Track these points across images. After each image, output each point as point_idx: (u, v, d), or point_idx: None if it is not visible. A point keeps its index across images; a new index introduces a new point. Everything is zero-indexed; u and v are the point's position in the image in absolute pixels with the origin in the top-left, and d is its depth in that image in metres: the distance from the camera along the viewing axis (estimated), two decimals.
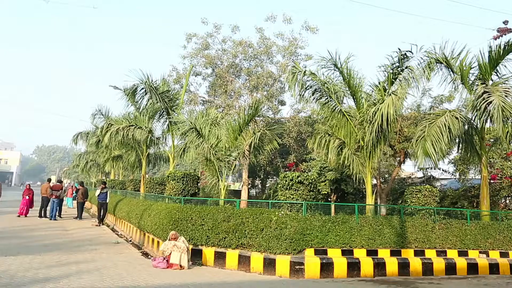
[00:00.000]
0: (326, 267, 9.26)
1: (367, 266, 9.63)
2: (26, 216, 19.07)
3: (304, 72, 12.37)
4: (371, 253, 9.98)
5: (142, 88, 17.15)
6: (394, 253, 10.22)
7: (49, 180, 21.77)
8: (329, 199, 17.67)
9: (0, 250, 10.70)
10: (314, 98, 12.97)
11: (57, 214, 19.72)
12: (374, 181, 18.67)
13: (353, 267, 9.50)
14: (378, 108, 11.24)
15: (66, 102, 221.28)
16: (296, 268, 9.12)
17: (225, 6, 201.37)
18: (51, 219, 19.03)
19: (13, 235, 13.87)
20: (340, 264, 9.39)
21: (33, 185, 79.19)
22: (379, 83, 12.42)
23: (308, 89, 12.77)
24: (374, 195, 12.15)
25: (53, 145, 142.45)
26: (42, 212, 19.57)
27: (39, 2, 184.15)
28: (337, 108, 12.59)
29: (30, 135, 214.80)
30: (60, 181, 23.13)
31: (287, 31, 24.29)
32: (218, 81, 23.88)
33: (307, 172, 18.62)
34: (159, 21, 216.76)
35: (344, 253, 9.72)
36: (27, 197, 19.69)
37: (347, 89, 12.62)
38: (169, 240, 9.62)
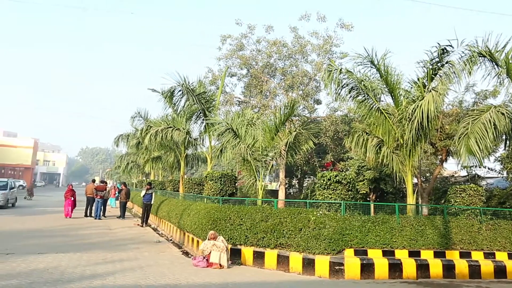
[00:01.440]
0: (367, 268, 9.10)
1: (409, 267, 9.38)
2: (70, 217, 19.54)
3: (340, 70, 12.18)
4: (413, 254, 9.70)
5: (179, 91, 17.50)
6: (438, 254, 9.88)
7: (94, 181, 22.65)
8: (368, 199, 17.35)
9: (51, 247, 11.30)
10: (351, 96, 12.76)
11: (101, 213, 20.53)
12: (415, 180, 18.14)
13: (395, 268, 9.28)
14: (417, 105, 10.90)
15: (106, 106, 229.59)
16: (336, 269, 9.03)
17: (258, 6, 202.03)
18: (95, 218, 19.84)
19: (61, 233, 14.58)
20: (381, 265, 9.20)
21: (78, 186, 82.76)
22: (418, 79, 12.04)
23: (344, 87, 12.57)
24: (415, 194, 11.79)
25: (96, 147, 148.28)
26: (88, 211, 20.42)
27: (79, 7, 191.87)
28: (374, 106, 12.34)
29: (75, 138, 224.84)
30: (104, 182, 24.01)
31: (322, 30, 23.99)
32: (253, 82, 23.99)
33: (345, 172, 18.37)
34: (194, 23, 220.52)
35: (385, 254, 9.52)
36: (71, 198, 20.02)
37: (384, 86, 12.34)
38: (208, 239, 9.79)
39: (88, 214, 20.32)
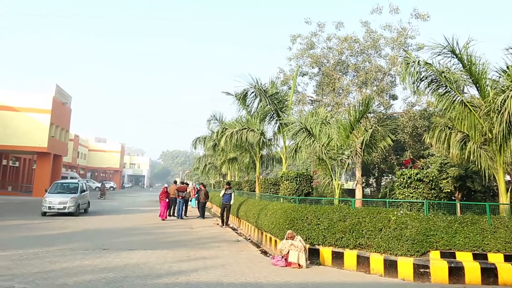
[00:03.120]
0: (456, 272, 8.54)
1: (506, 273, 8.57)
2: (164, 219, 20.07)
3: (418, 62, 11.55)
4: (510, 258, 8.89)
5: (252, 92, 17.87)
6: None
7: (175, 182, 23.92)
8: (453, 198, 16.29)
9: (140, 244, 12.20)
10: (430, 90, 12.05)
11: (183, 213, 21.65)
12: (508, 178, 16.65)
13: (488, 273, 8.57)
14: (508, 96, 9.99)
15: (183, 110, 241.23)
16: (421, 272, 8.61)
17: (328, 4, 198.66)
18: (178, 218, 20.97)
19: (147, 231, 15.66)
20: (472, 269, 8.57)
21: (160, 187, 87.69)
22: (507, 67, 11.03)
23: (423, 80, 11.92)
24: (509, 193, 10.80)
25: (175, 150, 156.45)
26: (171, 211, 21.65)
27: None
28: (457, 99, 11.54)
29: (156, 141, 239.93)
30: (185, 183, 25.27)
31: (395, 22, 23.08)
32: (325, 80, 23.72)
33: (426, 169, 17.44)
34: (264, 24, 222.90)
35: (476, 257, 8.84)
36: (166, 200, 20.58)
37: (468, 77, 11.48)
38: (286, 239, 9.89)
39: (171, 214, 21.54)
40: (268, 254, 11.54)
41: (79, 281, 7.52)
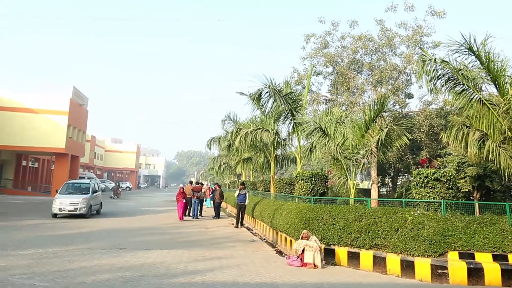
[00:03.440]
0: (475, 273, 8.38)
1: None
2: (181, 220, 19.99)
3: (435, 59, 11.39)
4: None
5: (266, 92, 17.86)
6: None
7: (191, 182, 24.09)
8: (471, 198, 15.99)
9: (156, 244, 12.33)
10: (447, 88, 11.83)
11: (198, 213, 21.77)
12: None
13: (509, 274, 8.37)
14: None
15: (198, 110, 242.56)
16: (438, 272, 8.48)
17: (341, 2, 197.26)
18: (193, 218, 21.11)
19: (163, 231, 15.81)
20: (491, 270, 8.40)
21: (176, 187, 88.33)
22: None
23: (439, 78, 11.74)
24: None
25: (190, 150, 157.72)
26: (186, 211, 21.81)
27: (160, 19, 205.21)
28: (475, 97, 11.31)
29: (171, 142, 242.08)
30: (200, 183, 25.42)
31: (410, 20, 22.69)
32: (340, 79, 23.56)
33: (443, 169, 17.17)
34: (277, 24, 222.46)
35: (496, 258, 8.67)
36: (183, 200, 20.38)
37: (486, 74, 11.24)
38: (301, 239, 9.86)
39: (186, 214, 21.68)
40: (283, 254, 11.53)
41: (97, 280, 7.65)
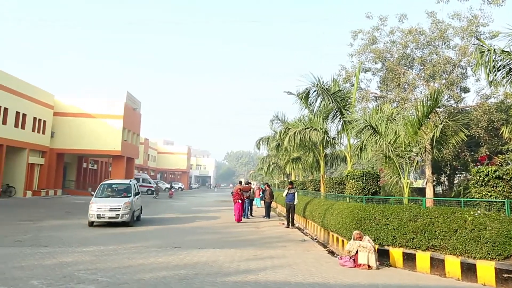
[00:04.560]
0: None
1: None
2: (238, 221, 19.24)
3: (494, 50, 10.73)
4: None
5: (314, 91, 17.68)
6: None
7: (240, 182, 24.38)
8: None
9: (209, 243, 12.63)
10: (508, 80, 11.13)
11: (248, 213, 22.00)
12: None
13: None
14: None
15: (247, 111, 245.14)
16: (504, 277, 7.98)
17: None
18: (244, 218, 21.35)
19: (215, 231, 16.14)
20: None
21: (227, 187, 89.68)
22: None
23: (499, 69, 11.04)
24: None
25: (239, 150, 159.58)
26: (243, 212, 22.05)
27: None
28: None
29: (220, 143, 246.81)
30: (249, 183, 25.71)
31: (464, 10, 21.54)
32: (389, 75, 22.83)
33: (505, 166, 16.16)
34: (323, 23, 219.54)
35: None
36: (239, 201, 19.72)
37: None
38: (353, 239, 9.68)
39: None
40: (335, 254, 11.38)
41: (154, 277, 7.97)
